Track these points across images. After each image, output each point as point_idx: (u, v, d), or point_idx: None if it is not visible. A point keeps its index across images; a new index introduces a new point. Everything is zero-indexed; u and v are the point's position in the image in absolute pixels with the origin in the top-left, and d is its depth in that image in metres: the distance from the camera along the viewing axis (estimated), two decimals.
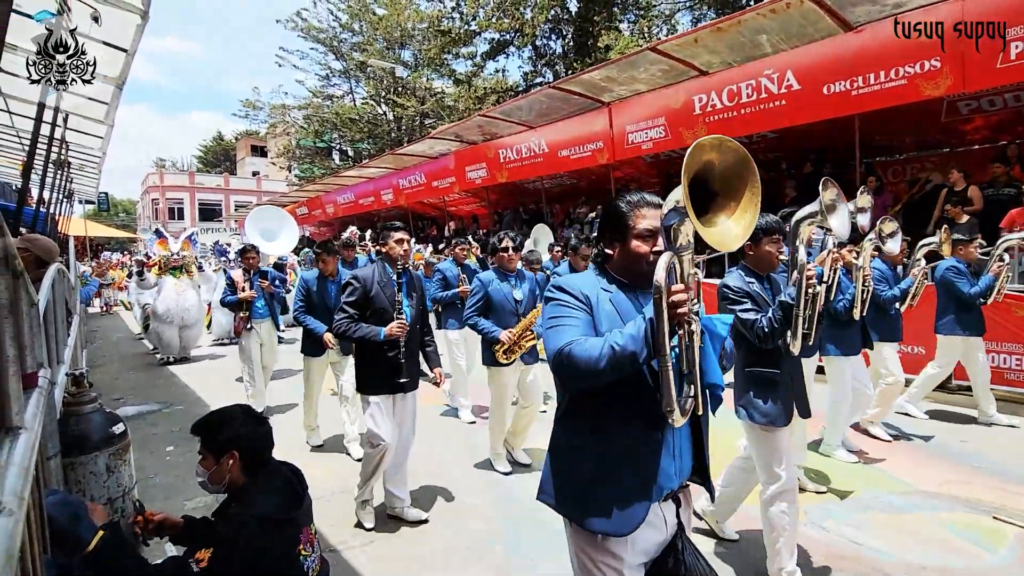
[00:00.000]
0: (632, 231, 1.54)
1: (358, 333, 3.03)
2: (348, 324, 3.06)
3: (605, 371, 1.35)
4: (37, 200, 6.79)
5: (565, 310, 1.53)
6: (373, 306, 3.11)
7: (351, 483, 3.79)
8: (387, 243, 3.20)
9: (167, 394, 6.44)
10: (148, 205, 37.70)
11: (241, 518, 1.61)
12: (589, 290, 1.55)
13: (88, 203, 16.36)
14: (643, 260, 1.52)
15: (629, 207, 1.56)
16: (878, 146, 8.30)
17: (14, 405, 1.13)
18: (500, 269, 3.93)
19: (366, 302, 3.11)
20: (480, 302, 3.81)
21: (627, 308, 1.54)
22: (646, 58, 7.68)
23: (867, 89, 6.22)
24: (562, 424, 1.62)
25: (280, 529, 1.66)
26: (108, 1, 4.34)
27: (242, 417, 1.79)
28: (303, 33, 22.68)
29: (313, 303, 4.52)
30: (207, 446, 1.74)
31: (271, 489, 1.73)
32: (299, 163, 28.29)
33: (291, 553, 1.69)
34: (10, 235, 1.32)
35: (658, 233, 1.52)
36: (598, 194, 12.13)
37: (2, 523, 0.79)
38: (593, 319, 1.52)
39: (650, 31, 17.66)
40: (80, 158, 9.43)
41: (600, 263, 1.65)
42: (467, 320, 3.87)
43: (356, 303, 3.10)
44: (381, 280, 3.15)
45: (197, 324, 8.68)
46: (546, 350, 1.53)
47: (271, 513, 1.65)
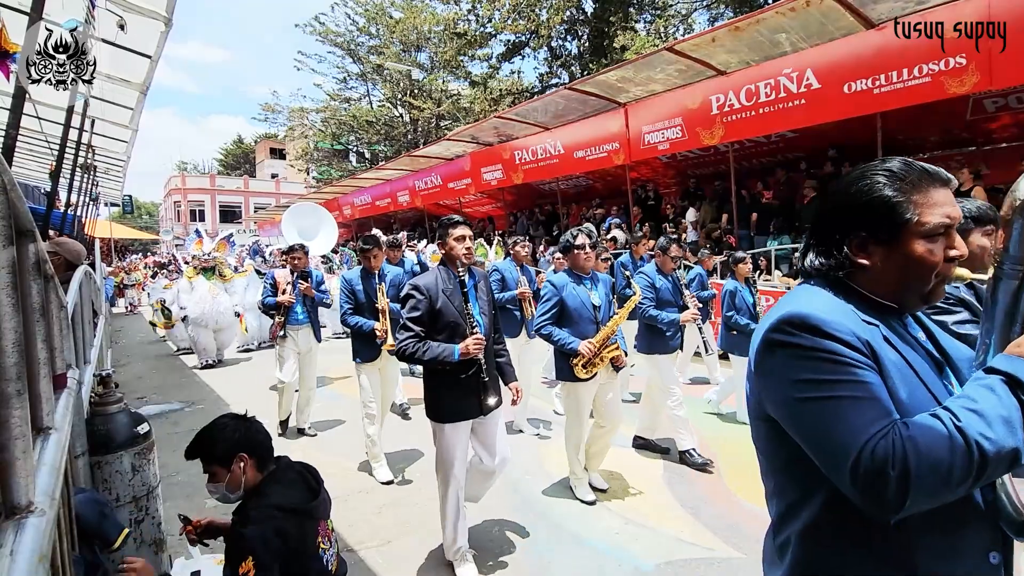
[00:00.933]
0: (915, 227, 0.95)
1: (428, 354, 2.55)
2: (415, 344, 2.57)
3: (965, 481, 0.80)
4: (65, 203, 6.96)
5: (839, 371, 0.89)
6: (441, 320, 2.63)
7: (368, 484, 3.83)
8: (446, 241, 2.72)
9: (188, 394, 6.55)
10: (170, 207, 38.45)
11: (261, 511, 1.64)
12: (859, 328, 0.94)
13: (113, 205, 16.79)
14: (931, 273, 0.97)
15: (904, 187, 0.96)
16: (900, 145, 8.14)
17: (45, 406, 1.16)
18: (573, 270, 3.45)
19: (432, 316, 2.64)
20: (554, 309, 3.34)
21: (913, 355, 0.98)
22: (663, 58, 7.63)
23: (890, 87, 6.10)
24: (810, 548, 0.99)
25: (299, 518, 1.69)
26: (133, 9, 4.44)
27: (232, 423, 1.81)
28: (321, 37, 22.98)
29: (360, 302, 4.06)
30: (211, 461, 1.74)
31: (286, 482, 1.76)
32: (317, 165, 28.65)
33: (311, 545, 1.72)
34: (41, 240, 1.36)
35: (954, 228, 0.98)
36: (614, 195, 12.08)
37: (34, 522, 0.81)
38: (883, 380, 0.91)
39: (666, 31, 17.55)
40: (106, 162, 9.67)
41: (835, 276, 1.03)
42: (539, 330, 3.37)
43: (420, 319, 2.61)
44: (446, 288, 2.67)
45: (231, 327, 8.54)
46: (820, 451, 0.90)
47: (288, 502, 1.68)
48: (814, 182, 8.24)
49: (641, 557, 2.84)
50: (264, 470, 1.78)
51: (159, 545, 2.18)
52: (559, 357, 3.39)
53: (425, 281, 2.67)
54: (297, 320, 4.90)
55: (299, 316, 4.91)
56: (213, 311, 8.00)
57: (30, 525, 0.80)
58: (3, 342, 0.81)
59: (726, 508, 3.34)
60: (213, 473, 1.74)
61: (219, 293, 8.25)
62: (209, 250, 8.49)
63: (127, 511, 2.01)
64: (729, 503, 3.42)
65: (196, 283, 8.23)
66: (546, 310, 3.36)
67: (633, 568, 2.75)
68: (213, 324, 8.05)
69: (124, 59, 5.20)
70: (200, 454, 1.75)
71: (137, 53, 5.03)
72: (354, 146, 26.64)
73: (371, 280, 4.12)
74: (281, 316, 4.84)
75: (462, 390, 2.63)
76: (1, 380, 0.80)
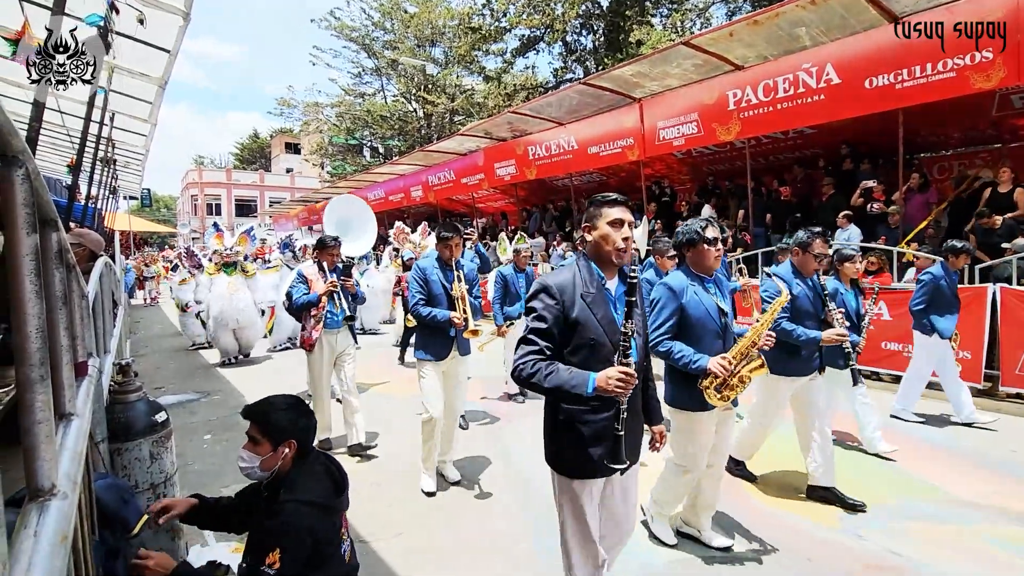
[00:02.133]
0: None
1: (552, 380, 1.80)
2: (536, 364, 1.83)
3: None
4: (86, 196, 7.08)
5: None
6: (577, 337, 1.89)
7: (382, 475, 3.86)
8: (595, 225, 1.96)
9: (205, 384, 6.65)
10: (187, 201, 38.97)
11: (293, 505, 1.63)
12: None
13: (132, 199, 17.04)
14: None
15: None
16: (923, 141, 7.98)
17: (67, 392, 1.19)
18: (694, 270, 2.71)
19: (566, 329, 1.89)
20: (672, 319, 2.61)
21: None
22: (679, 53, 7.54)
23: (912, 82, 5.98)
24: None
25: (327, 513, 1.70)
26: (152, 3, 4.49)
27: (298, 407, 1.81)
28: (336, 32, 23.06)
29: (433, 294, 3.65)
30: (265, 432, 1.71)
31: (314, 475, 1.75)
32: (331, 160, 28.85)
33: (335, 538, 1.74)
34: (64, 230, 1.38)
35: None
36: (628, 191, 12.01)
37: (57, 505, 0.83)
38: None
39: (683, 25, 17.35)
40: (125, 155, 9.81)
41: None
42: (655, 347, 2.60)
43: (548, 332, 1.88)
44: (587, 292, 1.90)
45: (253, 325, 8.02)
46: None
47: (319, 499, 1.69)
48: (831, 179, 8.12)
49: (652, 554, 2.84)
50: (297, 464, 1.78)
51: (175, 532, 2.22)
52: (675, 383, 2.70)
53: (559, 280, 1.94)
54: (335, 323, 4.29)
55: (336, 317, 4.30)
56: (232, 308, 7.63)
57: (53, 507, 0.82)
58: (27, 328, 0.82)
59: (738, 507, 3.32)
60: (256, 443, 1.71)
61: (238, 289, 7.84)
62: (231, 244, 8.06)
63: (145, 497, 2.04)
64: (741, 502, 3.40)
65: (216, 280, 7.86)
66: (662, 320, 2.62)
67: (643, 565, 2.74)
68: (233, 323, 7.67)
69: (143, 53, 5.26)
70: (257, 419, 1.73)
71: (156, 47, 5.09)
72: (368, 141, 26.75)
73: (447, 271, 3.69)
74: (317, 309, 4.21)
75: (592, 438, 1.91)
76: (25, 365, 0.82)
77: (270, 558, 1.53)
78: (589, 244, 2.00)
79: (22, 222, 0.81)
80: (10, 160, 0.77)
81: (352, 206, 6.13)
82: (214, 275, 7.91)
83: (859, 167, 8.05)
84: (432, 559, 2.84)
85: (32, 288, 0.83)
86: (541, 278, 2.01)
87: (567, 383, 1.78)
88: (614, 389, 1.71)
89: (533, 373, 1.83)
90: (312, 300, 4.16)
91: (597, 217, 1.96)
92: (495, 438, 4.62)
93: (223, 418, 5.26)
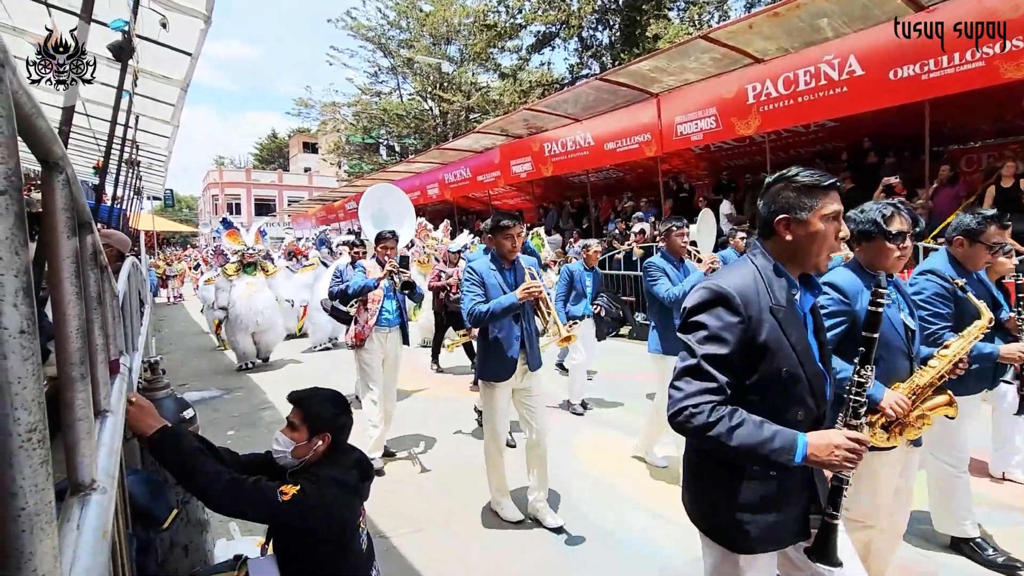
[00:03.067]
0: None
1: (744, 440, 1.29)
2: (719, 411, 1.32)
3: None
4: (112, 197, 7.25)
5: None
6: (767, 368, 1.37)
7: (403, 473, 3.90)
8: (800, 218, 1.41)
9: (228, 382, 6.77)
10: (208, 201, 39.62)
11: (321, 475, 1.70)
12: None
13: (155, 199, 17.41)
14: None
15: None
16: (950, 133, 7.78)
17: (102, 390, 1.22)
18: (871, 270, 2.07)
19: (752, 356, 1.37)
20: (846, 326, 2.00)
21: None
22: (697, 47, 7.46)
23: (939, 73, 5.83)
24: None
25: (348, 494, 1.75)
26: (174, 7, 4.57)
27: (343, 403, 1.86)
28: (352, 31, 23.23)
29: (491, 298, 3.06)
30: (305, 419, 1.76)
31: (345, 464, 1.80)
32: (348, 159, 29.11)
33: (354, 523, 1.79)
34: (96, 232, 1.42)
35: None
36: (645, 187, 11.91)
37: (97, 499, 0.85)
38: None
39: (701, 19, 17.13)
40: (149, 157, 10.02)
41: None
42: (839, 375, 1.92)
43: (728, 360, 1.36)
44: (778, 305, 1.39)
45: (273, 328, 7.56)
46: None
47: (343, 478, 1.74)
48: (849, 173, 7.96)
49: (671, 553, 2.82)
50: (328, 457, 1.81)
51: (203, 526, 2.27)
52: None
53: (738, 284, 1.39)
54: (388, 321, 4.05)
55: (390, 316, 4.06)
56: (250, 311, 7.15)
57: (93, 502, 0.84)
58: (68, 328, 0.85)
59: None
60: (295, 429, 1.76)
61: (258, 290, 7.36)
62: (251, 243, 7.55)
63: (175, 492, 2.09)
64: None
65: (237, 281, 7.37)
66: (840, 329, 2.00)
67: (663, 563, 2.73)
68: (252, 326, 7.22)
69: (166, 57, 5.37)
70: (301, 405, 1.78)
71: (178, 51, 5.19)
72: (384, 140, 26.93)
73: (506, 270, 3.08)
74: (371, 312, 3.96)
75: (787, 507, 1.41)
76: (67, 364, 0.85)
77: (286, 488, 1.58)
78: (788, 241, 1.43)
79: (62, 226, 0.83)
80: (51, 166, 0.79)
81: (388, 196, 5.69)
82: (233, 276, 7.40)
83: (884, 161, 7.88)
84: (451, 557, 2.87)
85: (72, 289, 0.86)
86: (713, 281, 1.43)
87: (765, 445, 1.27)
88: (842, 464, 1.27)
89: (713, 423, 1.29)
90: (370, 284, 3.89)
91: (805, 208, 1.40)
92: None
93: (246, 414, 5.35)
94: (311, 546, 1.68)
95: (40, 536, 0.52)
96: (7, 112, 0.51)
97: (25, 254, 0.51)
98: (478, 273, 3.02)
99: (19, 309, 0.50)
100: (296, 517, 1.59)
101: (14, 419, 0.50)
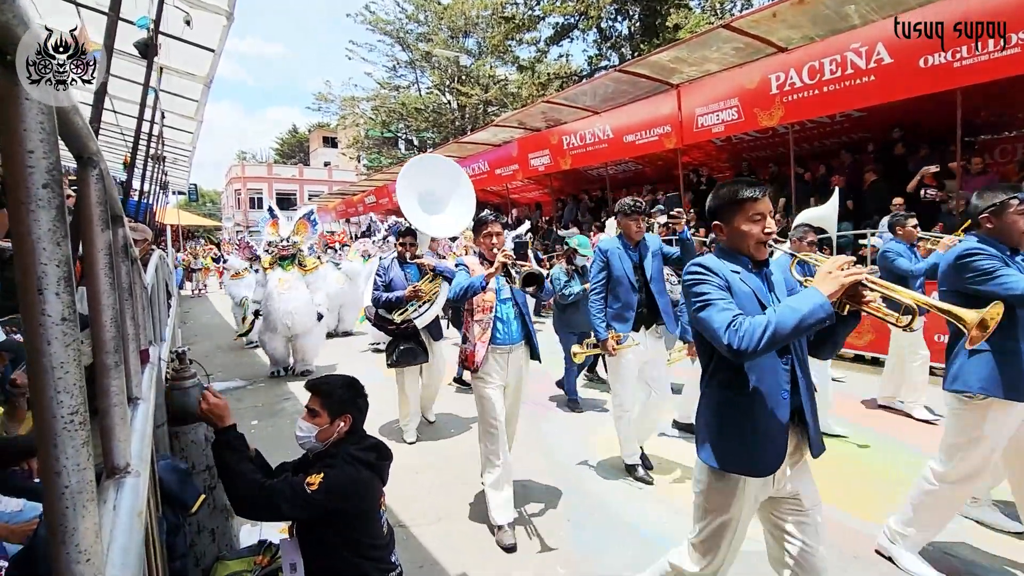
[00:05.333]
0: None
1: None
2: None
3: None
4: (139, 191, 7.42)
5: None
6: None
7: (426, 461, 3.95)
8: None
9: (251, 372, 6.90)
10: (231, 195, 40.30)
11: (341, 454, 1.80)
12: None
13: (180, 194, 17.78)
14: None
15: None
16: (981, 122, 7.54)
17: (134, 378, 1.26)
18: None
19: None
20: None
21: None
22: (719, 36, 7.33)
23: (972, 60, 5.64)
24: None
25: (369, 473, 1.83)
26: (198, 4, 4.65)
27: (358, 386, 1.95)
28: (371, 26, 23.35)
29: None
30: (325, 404, 1.85)
31: (364, 446, 1.89)
32: (367, 153, 29.33)
33: (375, 503, 1.86)
34: (127, 225, 1.46)
35: None
36: (665, 180, 11.78)
37: (131, 482, 0.89)
38: None
39: (722, 7, 16.82)
40: (173, 152, 10.23)
41: None
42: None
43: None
44: None
45: (312, 331, 6.50)
46: None
47: (364, 457, 1.83)
48: (872, 165, 7.77)
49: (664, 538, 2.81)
50: (349, 438, 1.90)
51: (229, 512, 2.33)
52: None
53: None
54: (507, 336, 2.99)
55: (512, 329, 3.01)
56: (281, 310, 6.13)
57: (128, 485, 0.88)
58: (103, 318, 0.88)
59: None
60: (315, 415, 1.85)
61: (292, 287, 6.27)
62: (287, 234, 6.43)
63: (202, 478, 2.15)
64: None
65: (270, 276, 6.41)
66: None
67: None
68: (283, 328, 6.19)
69: (190, 53, 5.46)
70: (319, 392, 1.88)
71: (202, 47, 5.28)
72: (403, 133, 27.07)
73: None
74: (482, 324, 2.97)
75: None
76: (101, 352, 0.88)
77: (311, 479, 1.69)
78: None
79: (97, 219, 0.86)
80: (86, 161, 0.82)
81: (436, 168, 4.44)
82: (268, 270, 6.49)
83: (913, 152, 7.67)
84: (470, 547, 2.90)
85: (107, 280, 0.89)
86: None
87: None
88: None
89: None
90: (474, 285, 2.84)
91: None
92: (535, 430, 4.65)
93: (268, 404, 5.46)
94: (334, 531, 1.73)
95: (83, 513, 0.54)
96: (48, 109, 0.53)
97: (66, 245, 0.54)
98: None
99: (61, 298, 0.53)
100: (325, 501, 1.67)
101: (57, 402, 0.53)
